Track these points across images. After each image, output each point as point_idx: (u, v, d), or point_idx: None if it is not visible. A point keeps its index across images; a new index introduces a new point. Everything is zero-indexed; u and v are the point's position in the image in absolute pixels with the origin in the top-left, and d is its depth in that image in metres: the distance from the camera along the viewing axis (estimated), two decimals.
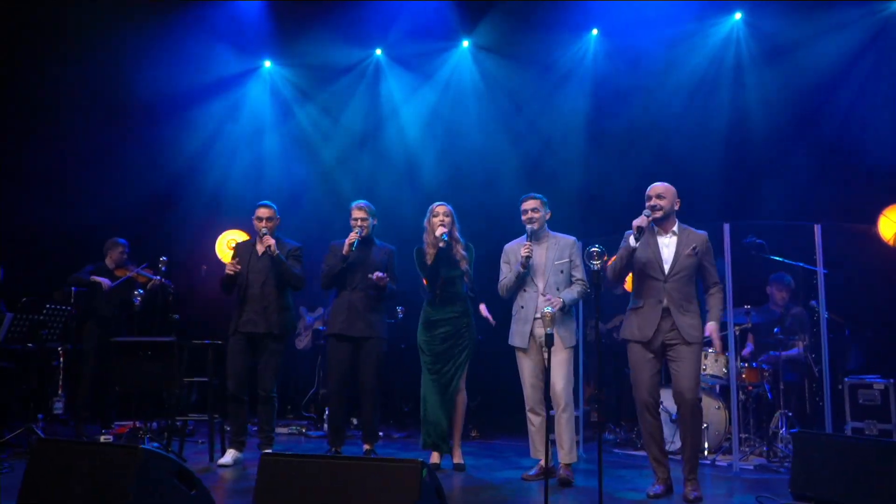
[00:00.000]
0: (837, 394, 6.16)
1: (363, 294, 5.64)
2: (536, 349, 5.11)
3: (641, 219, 4.54)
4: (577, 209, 8.13)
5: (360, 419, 6.05)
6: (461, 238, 5.46)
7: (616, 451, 6.64)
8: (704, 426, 6.00)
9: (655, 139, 8.36)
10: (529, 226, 5.15)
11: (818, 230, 5.75)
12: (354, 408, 6.29)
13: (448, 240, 5.31)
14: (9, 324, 6.00)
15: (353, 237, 5.54)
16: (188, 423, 6.67)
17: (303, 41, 9.01)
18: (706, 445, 6.15)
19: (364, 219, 5.67)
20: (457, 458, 5.47)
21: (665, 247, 4.65)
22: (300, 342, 8.53)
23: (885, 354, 6.72)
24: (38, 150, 8.16)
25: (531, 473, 5.14)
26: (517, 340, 5.16)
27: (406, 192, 8.69)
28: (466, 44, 9.15)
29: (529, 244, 5.07)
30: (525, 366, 5.15)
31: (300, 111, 9.50)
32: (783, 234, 6.39)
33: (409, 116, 9.29)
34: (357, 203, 5.75)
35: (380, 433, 6.47)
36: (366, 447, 5.69)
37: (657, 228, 4.68)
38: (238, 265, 5.67)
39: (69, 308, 6.44)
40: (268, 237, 5.61)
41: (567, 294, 5.06)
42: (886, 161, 7.26)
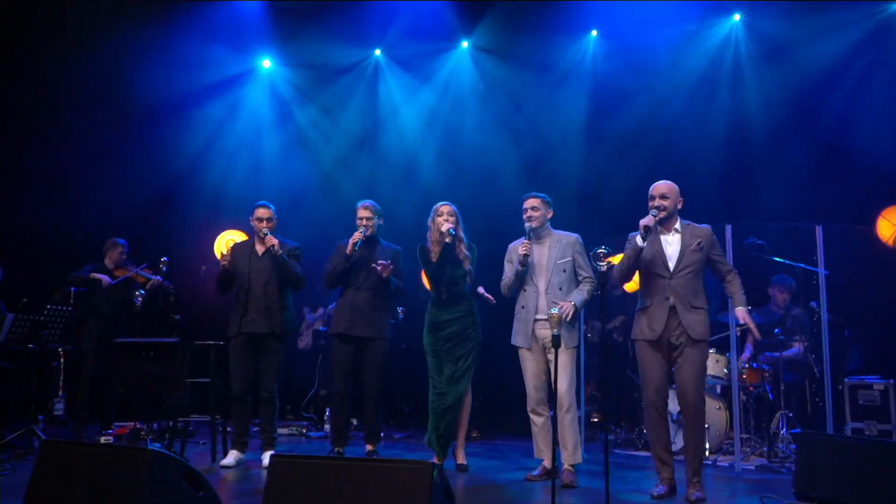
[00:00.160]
0: (837, 394, 6.17)
1: (367, 294, 5.61)
2: (539, 349, 5.10)
3: (648, 218, 4.53)
4: (577, 209, 8.12)
5: (363, 420, 6.03)
6: (465, 238, 5.42)
7: (617, 452, 6.65)
8: (706, 427, 6.00)
9: (655, 140, 8.36)
10: (528, 224, 5.14)
11: (819, 231, 5.77)
12: (356, 408, 6.28)
13: (454, 235, 5.26)
14: (10, 324, 5.98)
15: (357, 237, 5.51)
16: (189, 424, 6.67)
17: (302, 41, 8.99)
18: (707, 446, 6.16)
19: (369, 218, 5.64)
20: (460, 459, 5.46)
21: (669, 244, 4.66)
22: (301, 341, 8.52)
23: (885, 355, 6.74)
24: (38, 151, 8.14)
25: (535, 474, 5.14)
26: (519, 340, 5.15)
27: (406, 193, 8.68)
28: (466, 44, 9.15)
29: (528, 243, 5.06)
30: (528, 366, 5.15)
31: (300, 111, 9.49)
32: (783, 235, 6.41)
33: (409, 117, 9.28)
34: (363, 202, 5.71)
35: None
36: (368, 447, 5.68)
37: (660, 227, 4.68)
38: (228, 258, 5.64)
39: (69, 308, 6.42)
40: (270, 237, 5.58)
41: (577, 296, 5.02)
42: (885, 162, 7.28)
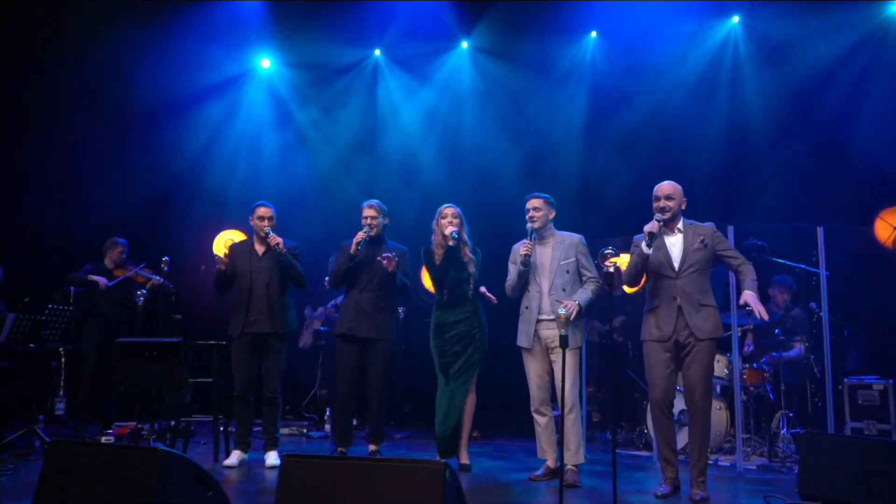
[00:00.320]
0: (837, 394, 6.20)
1: (372, 295, 5.59)
2: (542, 350, 5.11)
3: (653, 224, 4.54)
4: (577, 209, 8.14)
5: (365, 420, 6.02)
6: (469, 241, 5.40)
7: (618, 452, 6.60)
8: None
9: (655, 140, 8.39)
10: (530, 224, 5.13)
11: (821, 232, 5.79)
12: (359, 408, 6.27)
13: (458, 238, 5.25)
14: (11, 324, 5.95)
15: (361, 236, 5.49)
16: (191, 425, 6.66)
17: (301, 41, 8.98)
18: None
19: (374, 217, 5.61)
20: (463, 459, 5.45)
21: (673, 245, 4.67)
22: (301, 341, 8.50)
23: (884, 355, 6.78)
24: (38, 151, 8.12)
25: (538, 474, 5.15)
26: (522, 341, 5.16)
27: (406, 193, 8.68)
28: (465, 44, 9.17)
29: (529, 243, 5.04)
30: (531, 366, 5.15)
31: (299, 111, 9.47)
32: (783, 236, 6.43)
33: (409, 117, 9.28)
34: (368, 202, 5.70)
35: None
36: (372, 447, 5.68)
37: (664, 228, 4.70)
38: (220, 262, 5.61)
39: (70, 308, 6.40)
40: (274, 236, 5.55)
41: (582, 295, 5.01)
42: (884, 163, 7.32)
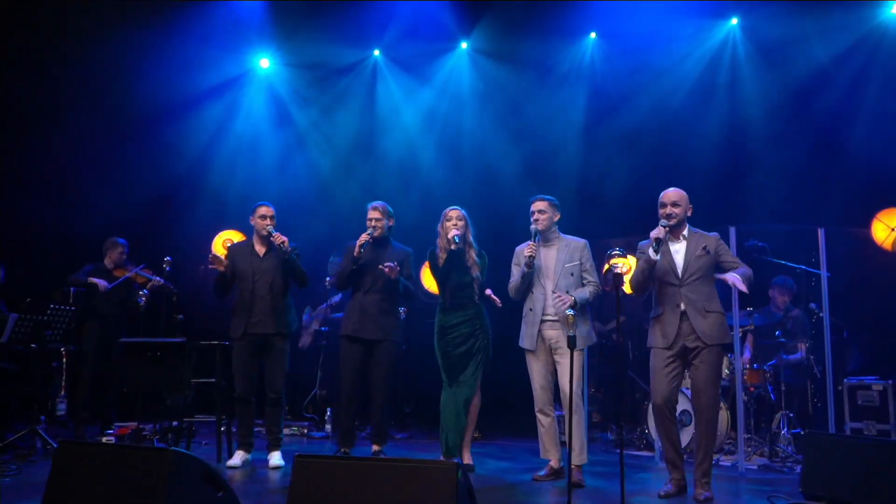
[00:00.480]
0: (837, 395, 6.24)
1: (376, 297, 5.58)
2: (545, 351, 5.13)
3: (659, 230, 4.55)
4: (577, 211, 8.15)
5: (370, 420, 6.02)
6: (475, 244, 5.38)
7: (618, 451, 6.66)
8: None
9: (654, 142, 8.41)
10: (534, 226, 5.15)
11: (822, 234, 5.83)
12: (362, 409, 6.27)
13: (460, 242, 5.22)
14: (13, 324, 5.94)
15: (364, 238, 5.48)
16: (192, 425, 6.65)
17: (301, 41, 8.97)
18: None
19: (378, 219, 5.59)
20: (466, 459, 5.46)
21: (676, 252, 4.69)
22: (301, 341, 8.48)
23: (884, 356, 6.82)
24: (39, 151, 8.10)
25: (541, 474, 5.17)
26: (526, 342, 5.18)
27: (405, 194, 8.67)
28: (465, 45, 9.18)
29: (533, 245, 5.06)
30: (534, 367, 5.18)
31: (298, 112, 9.45)
32: (783, 237, 6.46)
33: (408, 118, 9.28)
34: (373, 203, 5.67)
35: None
36: (375, 448, 5.68)
37: (668, 235, 4.72)
38: (219, 263, 5.59)
39: (72, 308, 6.38)
40: (278, 234, 5.53)
41: (580, 293, 5.04)
42: (883, 165, 7.35)
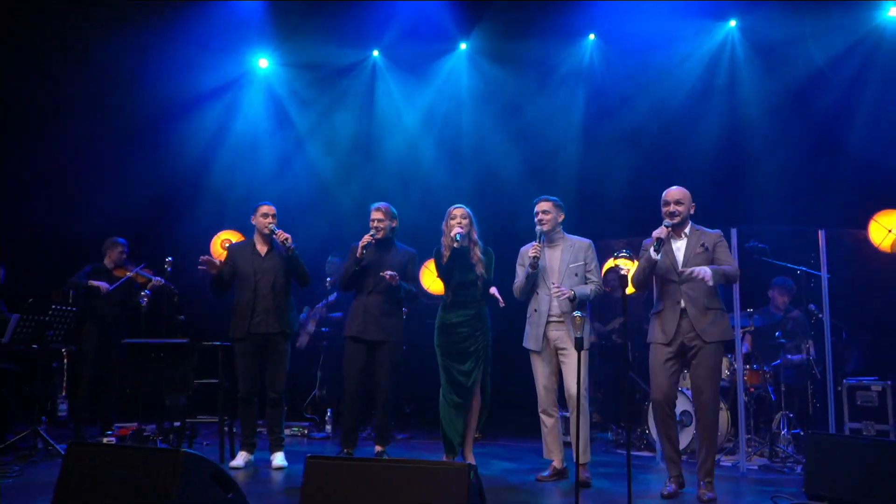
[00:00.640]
0: (836, 395, 6.27)
1: (379, 298, 5.58)
2: (550, 351, 5.15)
3: (661, 230, 4.58)
4: (577, 211, 8.15)
5: (373, 421, 6.02)
6: (480, 242, 5.34)
7: (619, 452, 6.71)
8: None
9: (654, 143, 8.43)
10: (538, 227, 5.17)
11: (822, 235, 5.85)
12: (364, 409, 6.27)
13: (461, 240, 5.18)
14: (14, 325, 5.92)
15: (366, 239, 5.47)
16: (193, 426, 6.64)
17: (300, 42, 8.96)
18: None
19: (381, 220, 5.58)
20: (469, 459, 5.43)
21: (678, 250, 4.72)
22: (299, 341, 8.46)
23: (883, 357, 6.86)
24: (39, 151, 8.09)
25: (545, 475, 5.19)
26: (531, 343, 5.20)
27: (405, 194, 8.67)
28: (464, 46, 9.18)
29: (537, 245, 5.08)
30: (539, 368, 5.19)
31: (298, 112, 9.44)
32: (783, 238, 6.48)
33: (408, 118, 9.28)
34: (376, 205, 5.66)
35: None
36: (378, 449, 5.69)
37: (671, 233, 4.74)
38: (211, 266, 5.59)
39: (73, 308, 6.37)
40: (281, 231, 5.53)
41: (580, 289, 5.04)
42: (882, 166, 7.39)
